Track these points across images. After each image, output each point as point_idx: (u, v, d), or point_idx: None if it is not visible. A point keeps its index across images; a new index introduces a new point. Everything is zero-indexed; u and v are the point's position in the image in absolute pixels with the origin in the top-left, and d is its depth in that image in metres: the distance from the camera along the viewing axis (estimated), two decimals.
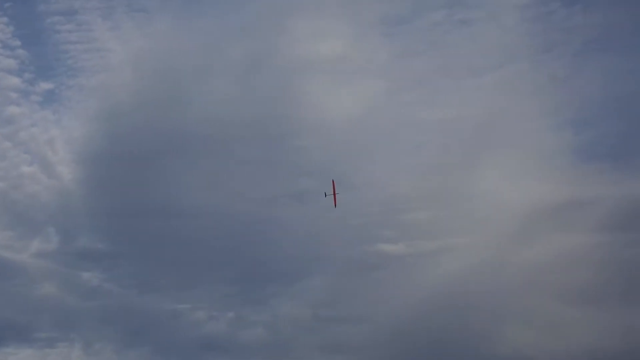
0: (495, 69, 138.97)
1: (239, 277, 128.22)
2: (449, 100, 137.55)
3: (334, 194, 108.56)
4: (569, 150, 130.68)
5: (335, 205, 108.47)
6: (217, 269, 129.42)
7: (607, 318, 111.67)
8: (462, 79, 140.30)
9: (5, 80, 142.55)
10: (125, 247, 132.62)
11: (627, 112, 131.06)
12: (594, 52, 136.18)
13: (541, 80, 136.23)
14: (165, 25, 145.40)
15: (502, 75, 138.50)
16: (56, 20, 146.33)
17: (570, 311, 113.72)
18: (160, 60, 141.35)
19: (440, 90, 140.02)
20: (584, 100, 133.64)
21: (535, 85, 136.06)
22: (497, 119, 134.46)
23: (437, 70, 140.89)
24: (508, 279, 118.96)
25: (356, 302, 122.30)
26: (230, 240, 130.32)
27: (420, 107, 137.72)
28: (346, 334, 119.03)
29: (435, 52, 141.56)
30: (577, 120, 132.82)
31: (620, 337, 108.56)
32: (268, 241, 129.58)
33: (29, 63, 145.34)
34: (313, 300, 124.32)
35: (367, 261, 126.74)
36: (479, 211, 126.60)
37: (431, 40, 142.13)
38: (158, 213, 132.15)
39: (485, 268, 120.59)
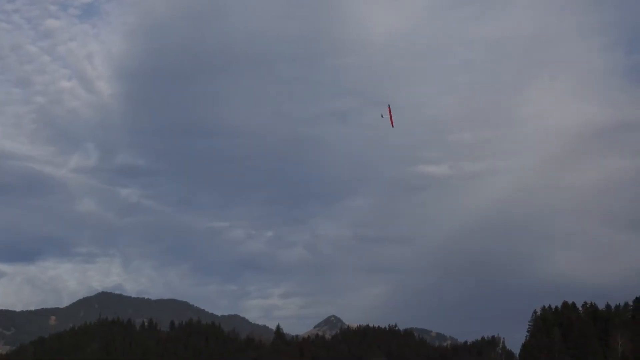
0: None
1: (279, 196, 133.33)
2: (500, 17, 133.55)
3: (390, 117, 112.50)
4: (620, 71, 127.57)
5: (392, 126, 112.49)
6: (257, 187, 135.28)
7: None
8: None
9: None
10: (164, 164, 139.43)
11: None
12: None
13: None
14: None
15: None
16: None
17: (618, 235, 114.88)
18: None
19: (491, 5, 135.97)
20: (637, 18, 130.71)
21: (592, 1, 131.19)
22: (550, 37, 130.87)
23: None
24: (555, 202, 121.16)
25: (398, 223, 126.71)
26: (271, 159, 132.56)
27: (470, 24, 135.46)
28: (387, 254, 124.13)
29: None
30: (630, 40, 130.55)
31: None
32: (310, 161, 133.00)
33: None
34: (354, 220, 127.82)
35: (410, 182, 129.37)
36: (527, 133, 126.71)
37: None
38: (199, 131, 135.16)
39: (531, 191, 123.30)
